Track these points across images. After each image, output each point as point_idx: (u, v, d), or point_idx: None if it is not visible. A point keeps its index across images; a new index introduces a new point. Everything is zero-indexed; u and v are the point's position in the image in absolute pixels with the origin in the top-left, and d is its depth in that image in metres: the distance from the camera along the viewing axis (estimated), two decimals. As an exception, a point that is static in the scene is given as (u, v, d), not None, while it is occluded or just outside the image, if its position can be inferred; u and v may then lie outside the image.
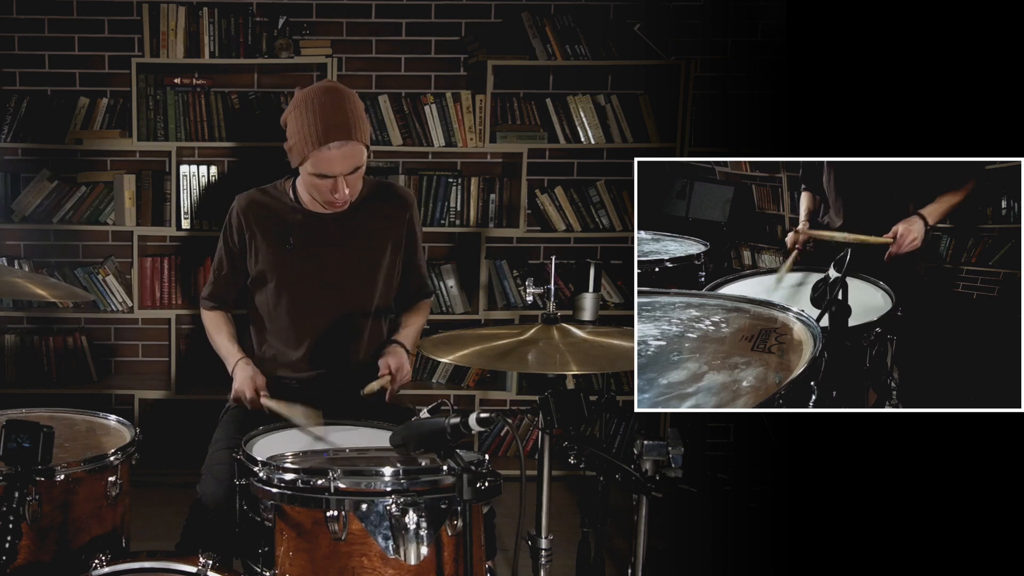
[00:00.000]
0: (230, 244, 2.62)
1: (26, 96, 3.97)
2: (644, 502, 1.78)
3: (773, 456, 3.48)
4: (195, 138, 3.95)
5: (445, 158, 4.15)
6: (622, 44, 3.98)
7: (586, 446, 1.84)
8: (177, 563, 1.85)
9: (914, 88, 2.48)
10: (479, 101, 3.95)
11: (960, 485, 2.29)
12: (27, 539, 1.85)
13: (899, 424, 2.37)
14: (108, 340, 4.24)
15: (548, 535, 1.91)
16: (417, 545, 1.78)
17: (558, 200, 4.10)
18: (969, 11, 2.32)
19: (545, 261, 4.28)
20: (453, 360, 1.93)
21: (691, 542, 3.07)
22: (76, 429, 2.21)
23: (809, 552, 2.69)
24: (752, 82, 4.10)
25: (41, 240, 4.15)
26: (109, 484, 2.00)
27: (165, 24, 3.85)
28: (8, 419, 1.85)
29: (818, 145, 2.74)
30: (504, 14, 4.09)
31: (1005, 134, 2.22)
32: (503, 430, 4.19)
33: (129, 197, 3.94)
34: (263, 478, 1.91)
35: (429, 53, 4.15)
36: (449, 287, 4.08)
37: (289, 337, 2.59)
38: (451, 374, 4.21)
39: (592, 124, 4.02)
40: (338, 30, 4.10)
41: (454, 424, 1.76)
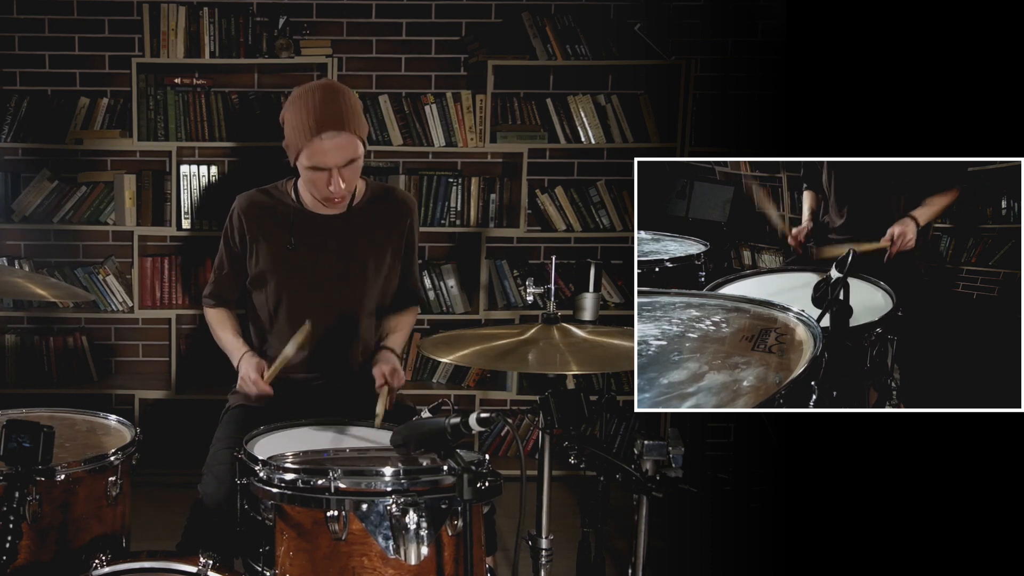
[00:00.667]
0: (231, 244, 2.62)
1: (26, 96, 3.97)
2: (644, 502, 1.78)
3: (773, 456, 3.48)
4: (195, 138, 3.95)
5: (445, 158, 4.15)
6: (622, 44, 3.98)
7: (586, 446, 1.84)
8: (177, 563, 1.84)
9: (914, 88, 2.48)
10: (479, 101, 3.95)
11: (960, 485, 2.29)
12: (27, 539, 1.85)
13: (899, 424, 2.37)
14: (108, 340, 4.24)
15: (548, 535, 1.91)
16: (417, 545, 1.78)
17: (558, 200, 4.10)
18: (969, 11, 2.32)
19: (545, 261, 4.28)
20: (453, 360, 1.93)
21: (691, 542, 3.07)
22: (76, 429, 2.22)
23: (809, 552, 2.69)
24: (752, 82, 4.10)
25: (41, 240, 4.15)
26: (109, 484, 2.01)
27: (165, 24, 3.85)
28: (8, 419, 1.85)
29: (818, 145, 2.74)
30: (504, 14, 4.09)
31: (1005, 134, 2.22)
32: (503, 430, 4.19)
33: (129, 197, 3.94)
34: (264, 478, 1.91)
35: (429, 53, 4.15)
36: (449, 287, 4.08)
37: (288, 337, 2.58)
38: (451, 374, 4.21)
39: (592, 124, 4.03)
40: (338, 30, 4.10)
41: (454, 424, 1.76)
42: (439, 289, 4.07)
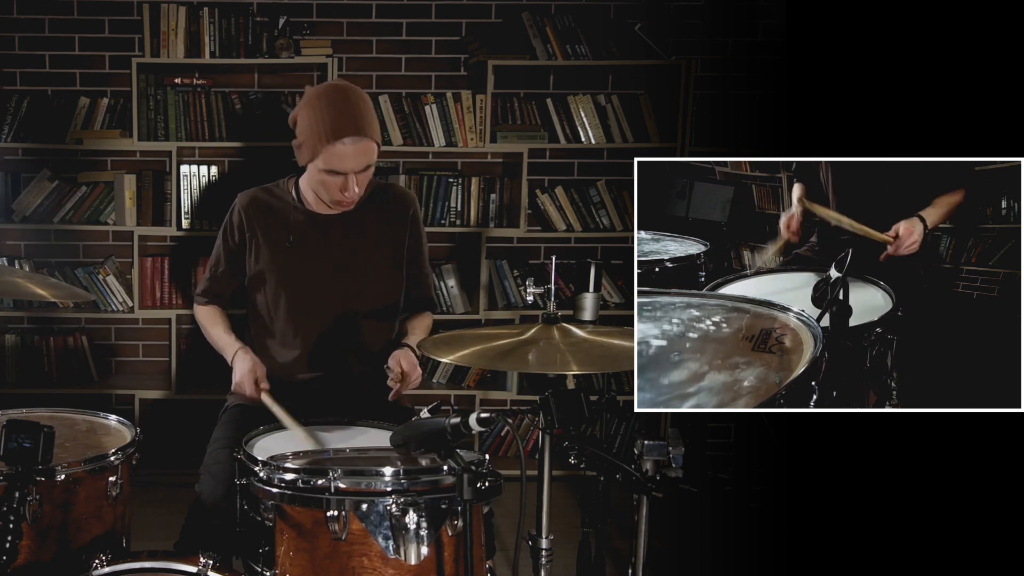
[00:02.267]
0: (230, 242, 2.61)
1: (26, 96, 3.97)
2: (644, 502, 1.78)
3: (773, 456, 3.48)
4: (195, 138, 3.95)
5: (445, 158, 4.15)
6: (622, 44, 3.98)
7: (586, 446, 1.84)
8: (177, 563, 1.85)
9: (914, 88, 2.48)
10: (479, 101, 3.95)
11: (960, 485, 2.29)
12: (27, 539, 1.85)
13: (899, 424, 2.37)
14: (108, 340, 4.24)
15: (548, 535, 1.91)
16: (417, 545, 1.78)
17: (558, 200, 4.10)
18: (969, 11, 2.32)
19: (545, 261, 4.28)
20: (453, 360, 1.93)
21: (691, 542, 3.07)
22: (76, 429, 2.21)
23: (809, 552, 2.69)
24: (752, 82, 4.10)
25: (41, 240, 4.15)
26: (109, 484, 2.00)
27: (165, 24, 3.85)
28: (8, 419, 1.85)
29: (818, 145, 2.74)
30: (504, 14, 4.09)
31: (1005, 134, 2.22)
32: (503, 430, 4.19)
33: (129, 197, 3.95)
34: (263, 478, 1.91)
35: (429, 53, 4.15)
36: (449, 287, 4.08)
37: (289, 337, 2.59)
38: (451, 374, 4.21)
39: (592, 124, 4.03)
40: (338, 30, 4.10)
41: (454, 424, 1.76)
42: (439, 289, 4.07)
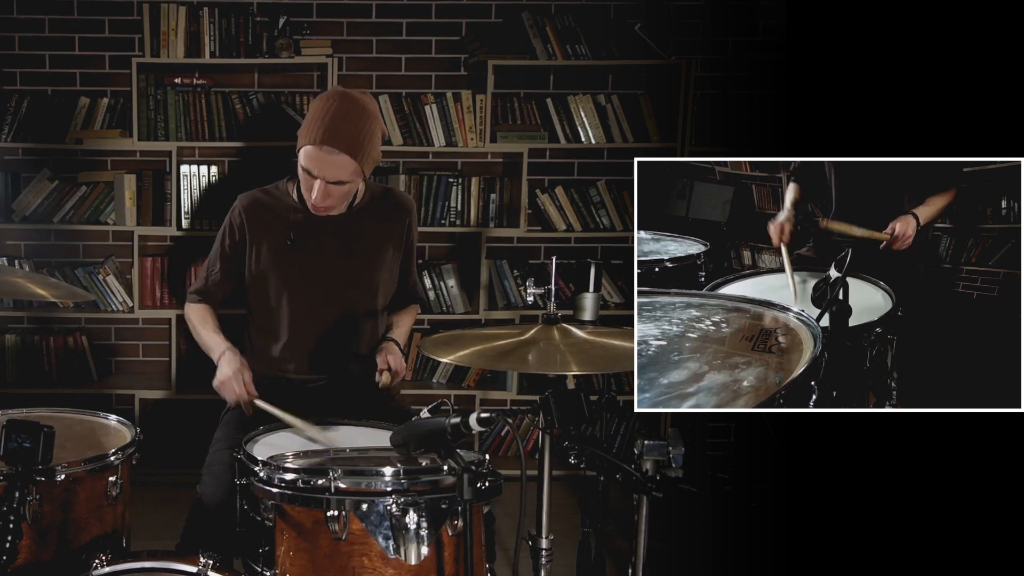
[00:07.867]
0: (229, 242, 2.61)
1: (26, 96, 3.97)
2: (645, 502, 1.78)
3: (773, 456, 3.48)
4: (195, 138, 3.95)
5: (445, 158, 4.15)
6: (622, 44, 3.98)
7: (586, 446, 1.84)
8: (177, 563, 1.85)
9: (914, 88, 2.48)
10: (479, 101, 3.95)
11: (960, 485, 2.29)
12: (27, 539, 1.85)
13: (899, 424, 2.37)
14: (108, 340, 4.24)
15: (548, 535, 1.91)
16: (417, 545, 1.78)
17: (559, 200, 4.10)
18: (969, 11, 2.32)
19: (546, 261, 4.28)
20: (454, 360, 1.93)
21: (691, 542, 3.07)
22: (76, 429, 2.21)
23: (809, 552, 2.69)
24: (752, 82, 4.10)
25: (41, 240, 4.15)
26: (109, 484, 2.00)
27: (165, 24, 3.85)
28: (8, 419, 1.85)
29: (818, 145, 2.74)
30: (505, 14, 4.09)
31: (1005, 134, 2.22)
32: (503, 430, 4.19)
33: (129, 197, 3.95)
34: (264, 478, 1.91)
35: (429, 53, 4.15)
36: (449, 287, 4.08)
37: (288, 338, 2.59)
38: (451, 374, 4.21)
39: (592, 124, 4.03)
40: (338, 30, 4.10)
41: (454, 424, 1.76)
42: (439, 289, 4.07)
